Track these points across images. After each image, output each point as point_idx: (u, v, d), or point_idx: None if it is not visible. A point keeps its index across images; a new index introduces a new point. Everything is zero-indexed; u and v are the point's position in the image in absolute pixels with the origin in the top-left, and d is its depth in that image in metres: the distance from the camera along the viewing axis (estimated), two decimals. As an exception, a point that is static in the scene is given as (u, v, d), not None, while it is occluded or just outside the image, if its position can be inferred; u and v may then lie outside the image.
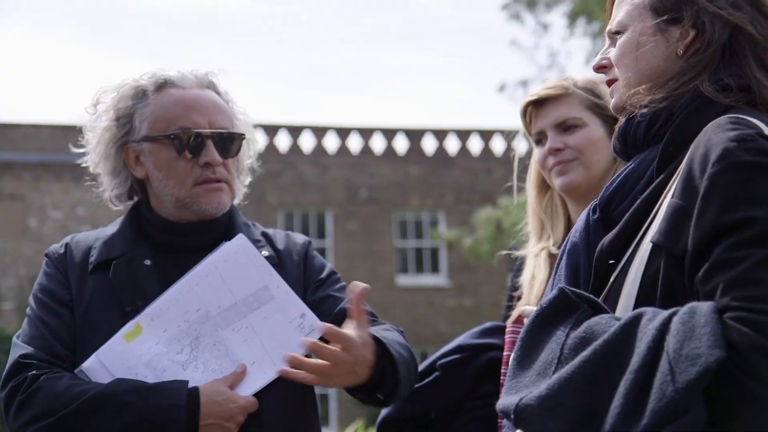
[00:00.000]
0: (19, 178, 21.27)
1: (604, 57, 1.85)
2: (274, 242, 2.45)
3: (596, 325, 1.44)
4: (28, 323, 2.26)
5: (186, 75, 2.37)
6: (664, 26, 1.74)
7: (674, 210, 1.51)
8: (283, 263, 2.40)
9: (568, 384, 1.36)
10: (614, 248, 1.65)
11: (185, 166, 2.30)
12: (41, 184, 21.36)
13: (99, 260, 2.30)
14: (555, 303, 1.51)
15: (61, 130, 21.71)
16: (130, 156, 2.36)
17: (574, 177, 2.49)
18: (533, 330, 1.50)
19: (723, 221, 1.42)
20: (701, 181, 1.48)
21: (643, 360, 1.33)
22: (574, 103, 2.53)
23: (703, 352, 1.30)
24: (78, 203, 21.31)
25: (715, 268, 1.41)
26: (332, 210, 23.20)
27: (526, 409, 1.38)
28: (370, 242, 23.09)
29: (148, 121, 2.32)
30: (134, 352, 2.15)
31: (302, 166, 23.17)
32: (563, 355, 1.42)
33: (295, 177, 23.05)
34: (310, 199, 23.10)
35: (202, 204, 2.30)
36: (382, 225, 23.31)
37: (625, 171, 1.77)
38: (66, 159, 20.98)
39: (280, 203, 22.83)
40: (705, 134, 1.55)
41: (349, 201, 23.28)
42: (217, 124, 2.33)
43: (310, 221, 23.23)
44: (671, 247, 1.50)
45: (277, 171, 22.77)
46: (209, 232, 2.35)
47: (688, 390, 1.28)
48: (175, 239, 2.35)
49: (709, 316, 1.34)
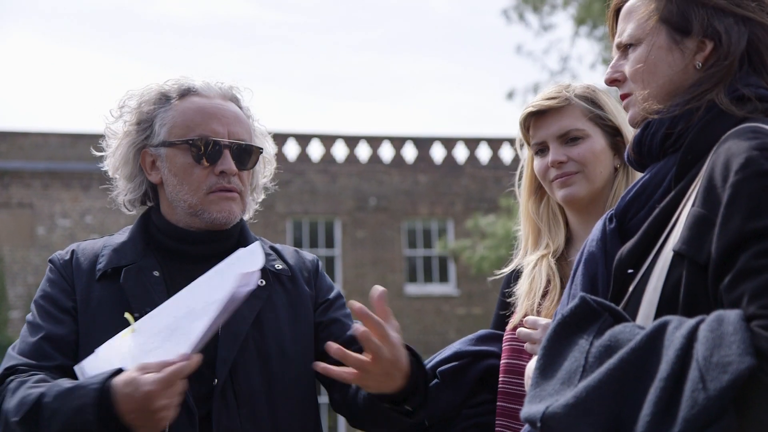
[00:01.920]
0: (27, 186, 21.31)
1: (617, 70, 1.84)
2: (284, 257, 2.46)
3: (620, 334, 1.44)
4: (26, 328, 2.27)
5: (210, 85, 2.39)
6: (679, 38, 1.74)
7: (696, 218, 1.51)
8: (296, 278, 2.41)
9: (596, 392, 1.36)
10: (633, 257, 1.65)
11: (201, 173, 2.30)
12: (50, 192, 21.39)
13: (108, 267, 2.29)
14: (577, 311, 1.51)
15: (70, 138, 21.78)
16: (147, 160, 2.37)
17: (577, 190, 2.47)
18: (555, 338, 1.50)
19: (748, 229, 1.42)
20: (723, 190, 1.48)
21: (672, 368, 1.33)
22: (576, 114, 2.50)
23: (733, 360, 1.30)
24: (86, 211, 21.34)
25: (741, 276, 1.41)
26: (341, 218, 23.19)
27: (553, 417, 1.38)
28: (379, 251, 23.07)
29: (168, 126, 2.33)
30: (127, 347, 2.13)
31: (311, 174, 23.18)
32: (588, 364, 1.42)
33: (304, 185, 23.06)
34: (318, 207, 23.10)
35: (213, 212, 2.30)
36: (390, 233, 23.29)
37: (641, 181, 1.76)
38: (75, 167, 21.12)
39: (289, 212, 22.83)
40: (725, 143, 1.55)
41: (358, 209, 23.27)
42: (235, 135, 2.34)
43: (318, 230, 23.22)
44: (694, 255, 1.50)
45: (286, 179, 22.77)
46: (218, 242, 2.36)
47: (719, 397, 1.28)
48: (183, 247, 2.35)
49: (738, 324, 1.34)
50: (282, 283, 2.37)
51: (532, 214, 2.63)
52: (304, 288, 2.41)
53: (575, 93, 2.53)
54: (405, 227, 23.58)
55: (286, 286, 2.38)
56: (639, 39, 1.78)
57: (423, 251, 23.55)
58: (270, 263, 2.38)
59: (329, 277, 2.55)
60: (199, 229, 2.35)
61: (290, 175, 22.84)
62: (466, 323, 22.26)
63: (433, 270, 23.60)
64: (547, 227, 2.60)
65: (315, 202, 23.07)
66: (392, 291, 22.74)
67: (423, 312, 22.98)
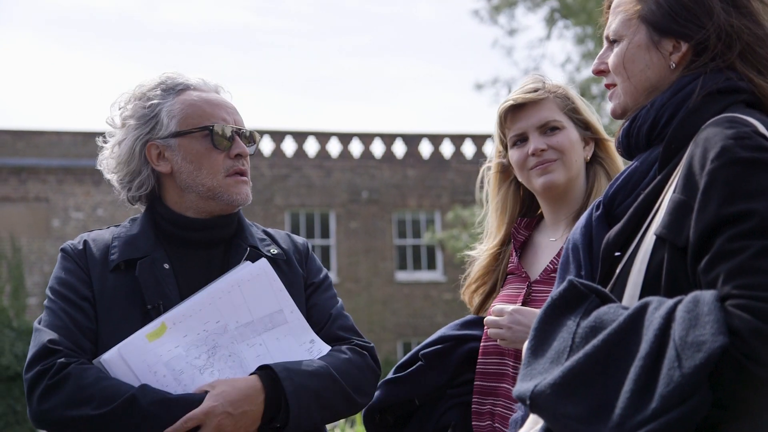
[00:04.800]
0: (43, 182, 21.25)
1: (603, 62, 1.82)
2: (278, 241, 2.45)
3: (605, 315, 1.42)
4: (49, 314, 2.19)
5: (204, 81, 2.41)
6: (657, 38, 1.71)
7: (676, 204, 1.50)
8: (290, 261, 2.40)
9: (581, 370, 1.35)
10: (619, 241, 1.64)
11: (218, 157, 2.30)
12: (64, 187, 21.34)
13: (122, 259, 2.25)
14: (565, 294, 1.50)
15: (82, 136, 21.71)
16: (153, 153, 2.32)
17: (556, 176, 2.47)
18: (545, 320, 1.48)
19: (723, 214, 1.41)
20: (701, 177, 1.47)
21: (651, 347, 1.32)
22: (553, 107, 2.51)
23: (707, 339, 1.29)
24: (98, 205, 21.30)
25: (717, 258, 1.39)
26: (335, 210, 23.17)
27: (540, 394, 1.37)
28: (371, 240, 23.06)
29: (178, 117, 2.31)
30: (155, 350, 2.11)
31: (307, 169, 23.14)
32: (575, 344, 1.40)
33: (301, 180, 23.03)
34: (314, 200, 23.07)
35: (233, 194, 2.31)
36: (382, 224, 23.28)
37: (628, 169, 1.75)
38: (87, 163, 21.06)
39: (287, 204, 22.80)
40: (703, 132, 1.54)
41: (351, 202, 23.25)
42: (239, 123, 2.37)
43: (314, 221, 23.20)
44: (674, 239, 1.48)
45: (284, 174, 22.75)
46: (222, 228, 2.34)
47: (694, 375, 1.27)
48: (190, 234, 2.32)
49: (712, 304, 1.33)
50: (279, 266, 2.35)
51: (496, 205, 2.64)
52: (298, 269, 2.41)
53: (550, 89, 2.53)
54: (395, 218, 23.57)
55: (282, 269, 2.36)
56: (621, 35, 1.76)
57: (412, 241, 23.54)
58: (266, 248, 2.37)
59: (324, 265, 2.55)
60: (208, 215, 2.33)
61: (288, 170, 22.82)
62: (452, 307, 22.27)
63: (421, 258, 23.61)
64: (502, 217, 2.63)
65: (311, 195, 23.05)
66: (384, 277, 22.77)
67: (412, 297, 23.00)
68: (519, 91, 2.55)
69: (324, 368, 2.20)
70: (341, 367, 2.24)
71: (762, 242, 1.36)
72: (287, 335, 2.24)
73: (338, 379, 2.21)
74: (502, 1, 20.39)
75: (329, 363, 2.23)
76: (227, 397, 2.06)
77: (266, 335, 2.21)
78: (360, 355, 2.32)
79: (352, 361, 2.28)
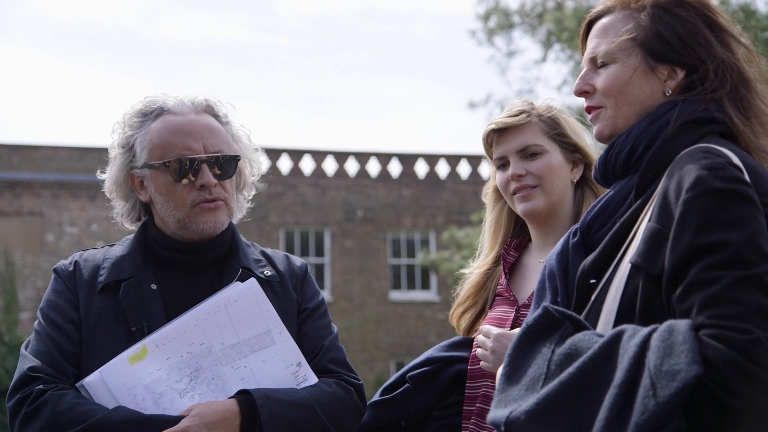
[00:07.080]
0: (38, 196, 21.21)
1: (587, 83, 1.80)
2: (275, 263, 2.43)
3: (580, 342, 1.43)
4: (36, 338, 2.22)
5: (183, 101, 2.36)
6: (653, 64, 1.72)
7: (651, 233, 1.51)
8: (285, 284, 2.38)
9: (556, 398, 1.36)
10: (595, 268, 1.64)
11: (183, 189, 2.28)
12: (59, 202, 21.29)
13: (109, 281, 2.26)
14: (539, 321, 1.51)
15: (78, 151, 21.70)
16: (135, 181, 2.35)
17: (536, 203, 2.48)
18: (520, 346, 1.49)
19: (698, 244, 1.42)
20: (676, 206, 1.48)
21: (626, 375, 1.32)
22: (535, 131, 2.50)
23: (682, 368, 1.29)
24: (92, 220, 21.26)
25: (691, 287, 1.41)
26: (330, 229, 23.15)
27: (515, 421, 1.37)
28: (366, 259, 23.03)
29: (147, 149, 2.31)
30: (136, 374, 2.11)
31: (302, 187, 23.14)
32: (550, 371, 1.41)
33: (296, 198, 23.02)
34: (309, 218, 23.05)
35: (200, 224, 2.28)
36: (376, 243, 23.25)
37: (605, 197, 1.76)
38: (83, 179, 21.04)
39: (282, 222, 22.78)
40: (678, 162, 1.55)
41: (346, 221, 23.24)
42: (211, 148, 2.31)
43: (309, 239, 23.17)
44: (649, 267, 1.50)
45: (279, 192, 22.74)
46: (212, 250, 2.34)
47: (668, 404, 1.28)
48: (180, 257, 2.32)
49: (687, 333, 1.34)
50: (272, 288, 2.34)
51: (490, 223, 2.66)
52: (292, 293, 2.39)
53: (537, 113, 2.53)
54: (390, 238, 23.55)
55: (276, 291, 2.35)
56: (613, 58, 1.75)
57: (406, 260, 23.51)
58: (260, 270, 2.36)
59: (318, 283, 2.54)
60: (192, 240, 2.33)
61: (283, 187, 22.81)
62: (446, 328, 22.20)
63: (415, 278, 23.57)
64: (496, 235, 2.64)
65: (306, 214, 23.03)
66: (378, 297, 22.71)
67: (406, 317, 22.95)
68: (503, 115, 2.56)
69: (305, 399, 2.19)
70: (323, 400, 2.22)
71: (736, 272, 1.38)
72: (274, 357, 2.22)
73: (318, 412, 2.19)
74: (498, 24, 20.47)
75: (311, 394, 2.21)
76: (203, 419, 2.06)
77: (252, 357, 2.20)
78: (346, 390, 2.30)
79: (336, 395, 2.26)
